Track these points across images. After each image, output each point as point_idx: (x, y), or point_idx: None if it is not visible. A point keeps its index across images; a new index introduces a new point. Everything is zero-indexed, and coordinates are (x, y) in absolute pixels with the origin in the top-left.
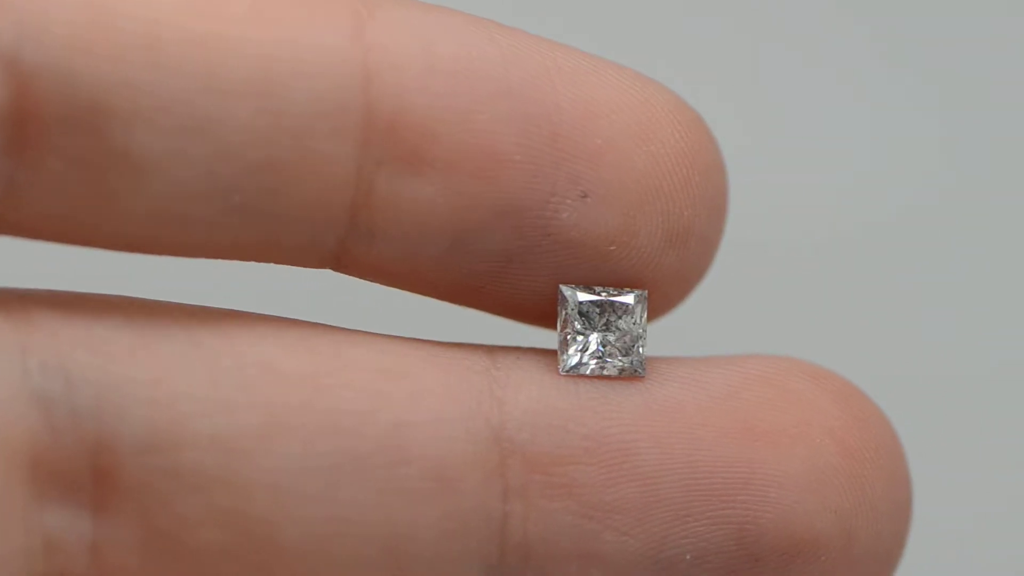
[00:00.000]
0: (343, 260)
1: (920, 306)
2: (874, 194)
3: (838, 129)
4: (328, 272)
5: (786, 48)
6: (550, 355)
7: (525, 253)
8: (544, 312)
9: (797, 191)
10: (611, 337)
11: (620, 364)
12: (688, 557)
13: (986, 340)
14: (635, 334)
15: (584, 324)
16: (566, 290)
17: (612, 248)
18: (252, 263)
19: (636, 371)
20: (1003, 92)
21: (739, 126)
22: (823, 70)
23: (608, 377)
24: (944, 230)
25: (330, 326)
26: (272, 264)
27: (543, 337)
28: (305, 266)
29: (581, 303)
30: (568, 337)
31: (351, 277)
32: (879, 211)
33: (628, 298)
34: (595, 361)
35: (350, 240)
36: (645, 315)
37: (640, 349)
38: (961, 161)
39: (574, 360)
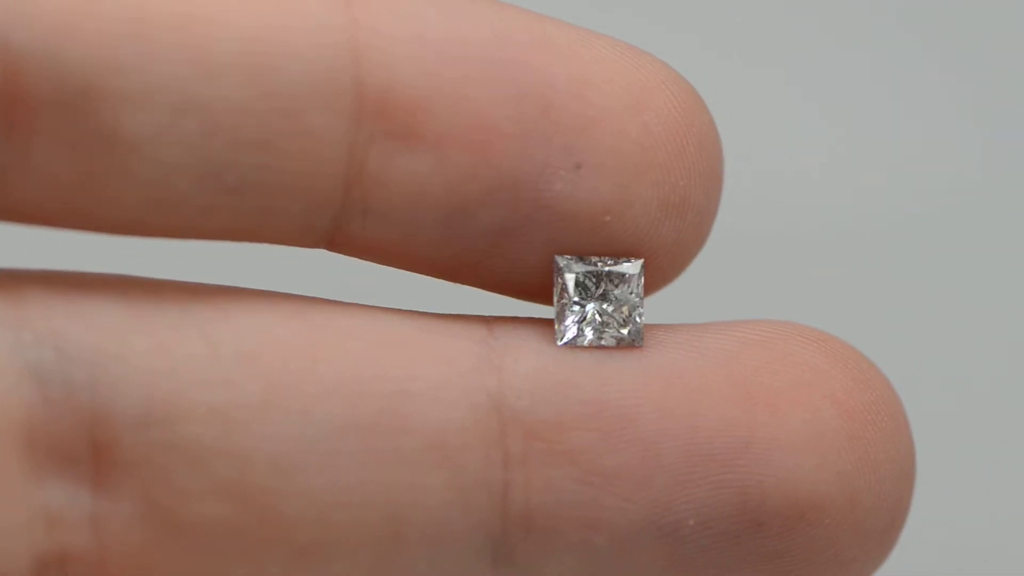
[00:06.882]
0: (337, 239)
1: (918, 282)
2: (874, 172)
3: (842, 108)
4: (322, 252)
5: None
6: (548, 324)
7: (520, 227)
8: (541, 287)
9: (799, 166)
10: (608, 307)
11: (618, 334)
12: (691, 522)
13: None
14: (632, 304)
15: (581, 294)
16: (562, 260)
17: (607, 219)
18: (246, 244)
19: (634, 341)
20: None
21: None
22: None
23: (606, 348)
24: (940, 205)
25: (326, 299)
26: (266, 245)
27: (540, 313)
28: (299, 246)
29: (577, 273)
30: (565, 308)
31: (345, 256)
32: (878, 191)
33: (625, 267)
34: (592, 332)
35: (344, 218)
36: (642, 284)
37: (638, 319)
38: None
39: (571, 331)
